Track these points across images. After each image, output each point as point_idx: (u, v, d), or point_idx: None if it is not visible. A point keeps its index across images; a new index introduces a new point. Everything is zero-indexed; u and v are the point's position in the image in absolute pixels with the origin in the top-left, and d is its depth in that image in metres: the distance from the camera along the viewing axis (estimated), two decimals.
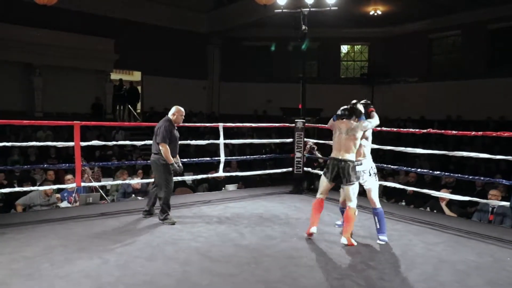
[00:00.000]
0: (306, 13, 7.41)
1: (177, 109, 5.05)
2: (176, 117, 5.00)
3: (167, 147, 4.75)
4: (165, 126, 4.82)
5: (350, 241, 4.07)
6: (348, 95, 16.31)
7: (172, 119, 4.96)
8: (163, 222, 4.77)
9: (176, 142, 4.96)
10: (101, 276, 3.21)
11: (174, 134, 4.90)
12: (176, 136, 4.95)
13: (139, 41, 15.50)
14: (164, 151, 4.73)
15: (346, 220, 4.13)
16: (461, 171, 9.48)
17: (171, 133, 4.84)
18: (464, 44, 15.67)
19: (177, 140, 4.98)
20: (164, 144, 4.73)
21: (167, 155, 4.74)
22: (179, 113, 5.04)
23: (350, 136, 4.16)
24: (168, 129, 4.81)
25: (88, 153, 10.45)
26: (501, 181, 5.22)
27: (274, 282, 3.21)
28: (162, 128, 4.80)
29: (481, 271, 3.52)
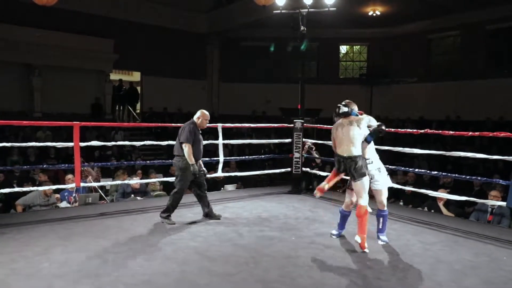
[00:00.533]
0: (304, 13, 7.44)
1: (202, 113, 5.02)
2: (201, 121, 4.97)
3: (190, 147, 4.74)
4: (190, 127, 4.84)
5: (364, 244, 3.91)
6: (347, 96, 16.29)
7: (196, 123, 4.95)
8: (162, 221, 4.77)
9: (200, 145, 4.93)
10: (100, 276, 3.24)
11: (198, 136, 4.88)
12: (199, 139, 4.92)
13: (138, 41, 15.53)
14: (187, 150, 4.72)
15: (359, 218, 4.00)
16: (459, 171, 9.52)
17: (195, 135, 4.83)
18: (463, 44, 15.71)
19: (200, 143, 4.95)
20: (187, 144, 4.73)
21: (189, 155, 4.72)
22: (204, 117, 5.01)
23: (351, 129, 4.03)
24: (192, 130, 4.82)
25: (87, 153, 10.48)
26: (498, 181, 5.25)
27: (272, 282, 3.23)
28: (186, 129, 4.82)
29: (477, 271, 3.54)
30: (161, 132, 14.31)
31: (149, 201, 6.14)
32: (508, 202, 4.61)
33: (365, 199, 4.03)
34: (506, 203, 4.65)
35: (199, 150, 4.91)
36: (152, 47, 15.90)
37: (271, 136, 14.24)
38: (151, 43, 15.87)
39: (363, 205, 4.01)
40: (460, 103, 14.85)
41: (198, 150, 4.89)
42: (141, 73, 16.74)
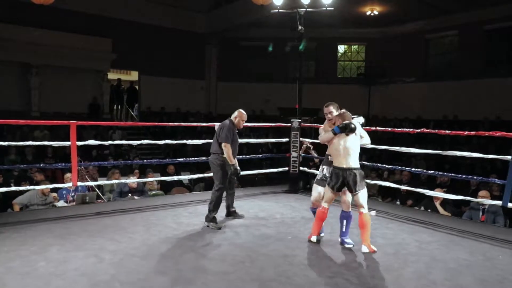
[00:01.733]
0: (302, 13, 7.46)
1: (240, 113, 4.99)
2: (238, 121, 4.94)
3: (230, 147, 4.68)
4: (229, 127, 4.77)
5: (371, 248, 3.87)
6: (345, 95, 16.44)
7: (234, 122, 4.91)
8: (208, 225, 4.65)
9: (236, 145, 4.90)
10: (97, 275, 3.24)
11: (235, 136, 4.85)
12: (237, 139, 4.90)
13: (136, 40, 15.53)
14: (227, 151, 4.65)
15: (362, 227, 3.91)
16: (456, 170, 9.56)
17: (233, 134, 4.79)
18: (461, 44, 15.75)
19: (237, 143, 4.93)
20: (227, 144, 4.66)
21: (229, 155, 4.66)
22: (241, 117, 4.97)
23: (352, 141, 3.92)
24: (231, 129, 4.77)
25: (85, 152, 10.48)
26: (494, 180, 5.28)
27: (268, 281, 3.25)
28: (225, 128, 4.74)
29: (472, 270, 3.56)
30: (159, 132, 14.33)
31: (146, 201, 6.15)
32: (503, 201, 4.63)
33: (366, 208, 3.95)
34: (501, 202, 4.67)
35: (236, 150, 4.87)
36: (150, 47, 15.91)
37: (269, 135, 14.26)
38: (149, 42, 15.87)
39: (365, 213, 3.92)
40: (458, 103, 14.90)
41: (235, 150, 4.84)
42: (139, 72, 16.74)
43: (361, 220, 3.92)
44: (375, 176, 8.36)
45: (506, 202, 4.57)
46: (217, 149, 4.76)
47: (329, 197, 4.07)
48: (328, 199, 4.07)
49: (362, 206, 3.94)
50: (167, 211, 5.44)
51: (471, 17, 14.64)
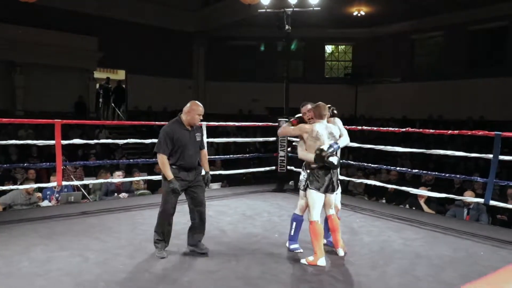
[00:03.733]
0: (289, 13, 7.49)
1: (193, 106, 3.74)
2: (190, 118, 3.71)
3: (164, 158, 3.62)
4: (167, 129, 3.68)
5: (345, 248, 3.81)
6: (333, 95, 16.50)
7: (182, 119, 3.73)
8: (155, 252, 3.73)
9: (188, 150, 3.67)
10: (81, 274, 3.22)
11: (182, 139, 3.65)
12: (185, 142, 3.66)
13: (123, 39, 15.39)
14: (160, 161, 3.64)
15: (334, 230, 3.77)
16: (441, 169, 9.71)
17: (175, 139, 3.62)
18: (446, 45, 16.00)
19: (188, 147, 3.67)
20: (160, 153, 3.63)
21: (163, 167, 3.62)
22: (195, 111, 3.72)
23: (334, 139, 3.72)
24: (170, 132, 3.64)
25: (71, 152, 10.35)
26: (476, 179, 5.38)
27: (254, 279, 3.26)
28: (161, 132, 3.68)
29: (455, 265, 3.63)
30: (146, 131, 14.23)
31: (133, 200, 6.11)
32: (485, 199, 4.72)
33: (334, 209, 3.82)
34: (483, 200, 4.76)
35: (189, 157, 3.68)
36: (137, 45, 15.78)
37: (257, 135, 14.27)
38: (136, 41, 15.75)
39: (335, 215, 3.82)
40: (443, 103, 15.13)
41: (187, 157, 3.66)
42: (126, 71, 16.61)
43: (332, 224, 3.76)
44: (361, 175, 8.43)
45: (488, 199, 4.66)
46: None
47: (320, 206, 3.67)
48: (319, 206, 3.66)
49: (332, 207, 3.78)
50: (154, 210, 5.35)
51: (455, 18, 14.89)
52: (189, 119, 3.71)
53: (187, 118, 3.71)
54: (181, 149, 3.65)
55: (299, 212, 3.93)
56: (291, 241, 3.94)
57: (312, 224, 3.62)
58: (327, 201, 3.77)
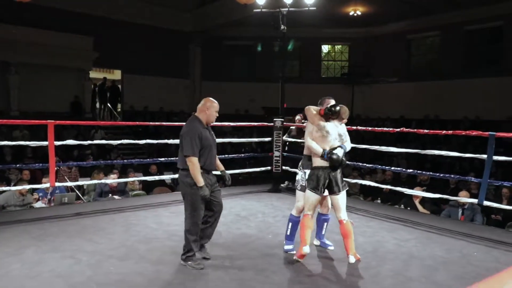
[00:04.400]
0: (285, 12, 7.48)
1: (208, 103, 3.56)
2: (208, 115, 3.54)
3: (196, 161, 3.36)
4: (193, 129, 3.43)
5: (357, 256, 3.61)
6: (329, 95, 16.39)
7: (200, 118, 3.54)
8: (185, 263, 3.45)
9: (211, 151, 3.52)
10: (73, 276, 3.20)
11: (207, 138, 3.49)
12: (210, 142, 3.51)
13: (119, 39, 15.33)
14: (192, 167, 3.35)
15: (346, 236, 3.60)
16: (437, 169, 9.73)
17: (202, 138, 3.42)
18: (442, 45, 16.03)
19: (211, 148, 3.53)
20: (192, 157, 3.35)
21: (195, 173, 3.35)
22: (212, 108, 3.55)
23: (341, 141, 3.69)
24: (197, 132, 3.41)
25: (66, 152, 10.32)
26: (470, 179, 5.39)
27: (247, 280, 3.25)
28: (187, 133, 3.41)
29: (448, 266, 3.62)
30: (142, 131, 14.20)
31: (127, 201, 6.09)
32: (479, 199, 4.72)
33: (345, 213, 3.69)
34: (477, 200, 4.77)
35: (211, 158, 3.51)
36: (133, 45, 15.72)
37: (254, 135, 14.26)
38: (132, 41, 15.69)
39: (347, 220, 3.66)
40: (439, 102, 15.15)
41: (209, 159, 3.49)
42: (122, 71, 16.55)
43: (344, 229, 3.62)
44: (357, 175, 8.44)
45: (482, 199, 4.66)
46: (184, 162, 3.42)
47: (313, 204, 3.66)
48: (312, 205, 3.65)
49: (342, 211, 3.65)
50: (148, 211, 5.39)
51: (452, 18, 14.91)
52: (207, 116, 3.54)
53: (205, 116, 3.54)
54: (208, 149, 3.47)
55: (296, 213, 3.90)
56: (286, 241, 3.92)
57: (304, 216, 3.66)
58: (335, 204, 3.69)
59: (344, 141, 3.73)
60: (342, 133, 3.73)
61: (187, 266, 3.42)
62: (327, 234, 4.19)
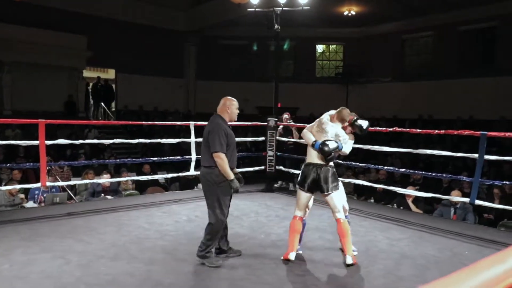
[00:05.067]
0: (278, 12, 7.47)
1: (227, 101, 3.68)
2: (230, 113, 3.67)
3: (224, 157, 3.45)
4: (219, 127, 3.52)
5: (355, 259, 3.54)
6: (323, 95, 16.53)
7: (224, 117, 3.64)
8: (202, 261, 3.47)
9: (234, 149, 3.64)
10: (62, 277, 3.17)
11: (232, 136, 3.60)
12: (234, 140, 3.63)
13: (113, 38, 15.24)
14: (221, 163, 3.42)
15: (343, 235, 3.54)
16: (430, 168, 9.77)
17: (228, 135, 3.53)
18: (436, 45, 16.09)
19: (234, 146, 3.65)
20: (220, 153, 3.43)
21: (225, 168, 3.43)
22: (233, 106, 3.68)
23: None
24: (223, 129, 3.52)
25: (59, 152, 10.25)
26: (462, 178, 5.40)
27: (238, 280, 3.23)
28: (215, 131, 3.49)
29: (440, 265, 3.63)
30: (136, 131, 14.14)
31: (120, 201, 6.06)
32: (471, 198, 4.74)
33: (341, 212, 3.62)
34: (469, 199, 4.79)
35: (233, 156, 3.62)
36: (127, 44, 15.64)
37: (248, 134, 14.24)
38: (126, 40, 15.60)
39: (343, 219, 3.58)
40: (433, 102, 15.21)
41: (232, 157, 3.59)
42: (116, 70, 16.46)
43: (340, 229, 3.56)
44: (350, 175, 8.45)
45: (474, 199, 4.68)
46: (210, 160, 3.48)
47: (302, 203, 3.64)
48: (301, 204, 3.64)
49: (338, 211, 3.58)
50: (141, 211, 5.36)
51: (446, 19, 14.96)
52: (229, 115, 3.66)
53: (227, 115, 3.65)
54: (232, 147, 3.57)
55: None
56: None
57: (293, 218, 3.69)
58: (329, 204, 3.65)
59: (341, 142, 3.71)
60: (339, 134, 3.71)
61: (205, 264, 3.44)
62: (322, 234, 4.19)
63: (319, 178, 3.57)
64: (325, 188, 3.57)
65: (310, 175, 3.60)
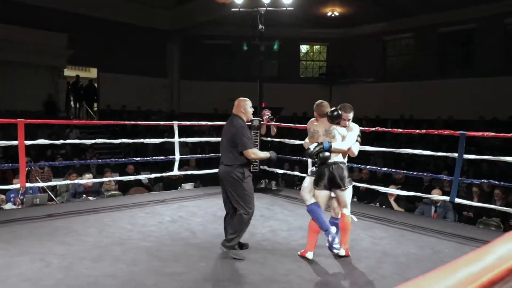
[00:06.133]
0: (262, 12, 7.49)
1: (242, 102, 3.91)
2: (245, 112, 3.90)
3: (255, 150, 3.75)
4: (241, 126, 3.74)
5: (348, 251, 3.73)
6: (307, 95, 16.57)
7: (242, 117, 3.87)
8: (227, 250, 3.70)
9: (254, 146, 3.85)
10: (42, 279, 3.11)
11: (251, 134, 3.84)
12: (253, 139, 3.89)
13: (95, 36, 15.02)
14: (257, 154, 3.76)
15: (344, 229, 3.75)
16: (412, 167, 9.93)
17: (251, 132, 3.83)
18: (417, 46, 16.38)
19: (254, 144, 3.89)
20: (250, 149, 3.65)
21: (261, 156, 3.85)
22: (247, 105, 3.92)
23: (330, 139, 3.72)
24: (246, 127, 3.79)
25: (39, 152, 10.05)
26: (442, 177, 5.51)
27: (222, 280, 3.23)
28: (239, 131, 3.69)
29: (420, 263, 3.69)
30: (119, 131, 13.97)
31: (102, 201, 5.97)
32: (451, 197, 4.84)
33: (349, 209, 3.81)
34: (449, 198, 4.88)
35: None
36: (109, 43, 15.44)
37: None
38: (109, 38, 15.40)
39: (348, 215, 3.79)
40: (414, 102, 15.48)
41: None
42: (98, 69, 16.23)
43: (344, 223, 3.75)
44: None
45: (454, 197, 4.78)
46: (233, 159, 3.70)
47: (321, 202, 3.72)
48: (321, 203, 3.72)
49: (346, 207, 3.76)
50: (123, 212, 5.30)
51: (426, 20, 15.25)
52: (245, 115, 3.85)
53: (244, 115, 3.84)
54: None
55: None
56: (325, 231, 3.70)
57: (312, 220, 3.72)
58: (340, 199, 3.79)
59: (334, 140, 3.70)
60: (333, 132, 3.71)
61: (229, 253, 3.65)
62: (306, 233, 4.19)
63: (334, 176, 3.66)
64: (342, 183, 3.68)
65: (325, 174, 3.68)
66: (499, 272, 0.54)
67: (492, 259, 0.54)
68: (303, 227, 4.61)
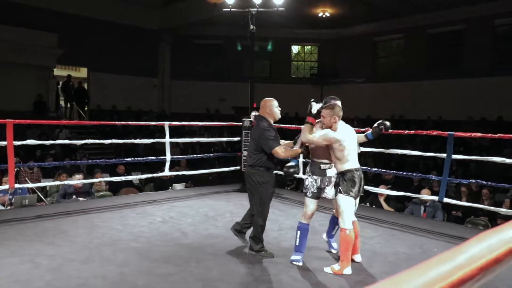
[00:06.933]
0: (254, 12, 7.51)
1: (267, 102, 3.85)
2: (271, 112, 3.82)
3: (282, 147, 3.68)
4: (265, 127, 3.71)
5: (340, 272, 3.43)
6: (299, 95, 16.64)
7: (267, 118, 3.81)
8: (257, 254, 3.77)
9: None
10: (31, 281, 3.08)
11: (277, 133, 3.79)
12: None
13: (85, 36, 14.91)
14: (285, 154, 3.65)
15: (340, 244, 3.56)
16: (401, 168, 10.02)
17: (276, 130, 3.77)
18: (406, 47, 16.53)
19: None
20: (277, 149, 3.62)
21: (290, 154, 3.71)
22: (273, 105, 3.83)
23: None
24: (271, 127, 3.75)
25: (28, 152, 9.94)
26: (431, 177, 5.58)
27: (212, 281, 3.23)
28: (263, 132, 3.68)
29: (410, 262, 3.73)
30: (110, 131, 13.88)
31: (92, 202, 5.93)
32: (440, 196, 4.90)
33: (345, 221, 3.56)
34: (438, 198, 4.95)
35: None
36: (100, 43, 15.33)
37: (224, 134, 14.22)
38: (99, 38, 15.29)
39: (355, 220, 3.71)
40: (404, 103, 15.62)
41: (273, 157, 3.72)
42: (88, 69, 16.11)
43: (355, 229, 3.61)
44: None
45: (442, 197, 4.84)
46: (255, 161, 3.72)
47: (353, 211, 3.50)
48: (351, 214, 3.47)
49: (340, 217, 3.53)
50: (114, 213, 5.27)
51: (415, 22, 15.40)
52: (272, 115, 3.82)
53: (270, 116, 3.80)
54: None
55: (305, 220, 3.67)
56: (295, 252, 3.65)
57: (343, 231, 3.40)
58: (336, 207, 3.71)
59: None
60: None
61: (258, 255, 3.75)
62: None
63: (362, 180, 3.52)
64: (363, 189, 3.59)
65: (362, 181, 3.52)
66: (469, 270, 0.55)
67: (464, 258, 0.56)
68: (293, 227, 4.62)
